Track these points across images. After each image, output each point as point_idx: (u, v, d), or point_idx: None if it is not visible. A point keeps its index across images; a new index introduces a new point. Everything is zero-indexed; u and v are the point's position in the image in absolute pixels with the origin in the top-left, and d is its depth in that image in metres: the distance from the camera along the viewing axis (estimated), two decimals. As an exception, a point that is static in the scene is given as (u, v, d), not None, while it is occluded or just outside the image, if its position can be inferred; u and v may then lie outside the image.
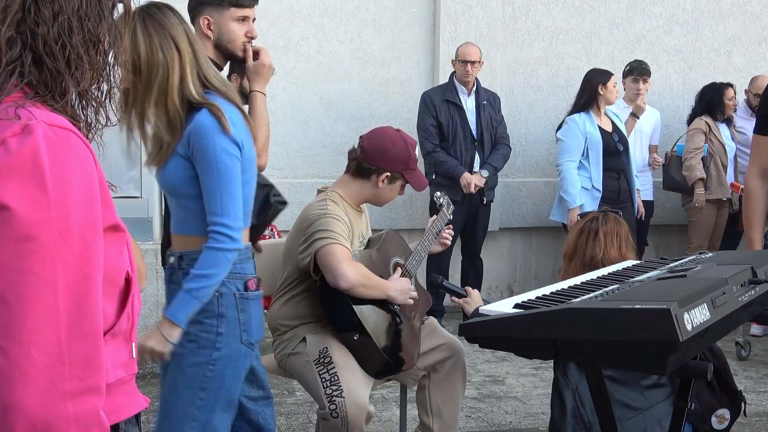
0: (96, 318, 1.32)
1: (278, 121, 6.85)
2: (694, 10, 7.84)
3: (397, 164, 3.63)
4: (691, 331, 1.89)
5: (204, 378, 2.76)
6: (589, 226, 3.44)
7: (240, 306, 2.79)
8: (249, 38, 3.34)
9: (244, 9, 3.31)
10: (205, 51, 3.30)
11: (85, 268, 1.30)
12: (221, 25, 3.30)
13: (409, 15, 7.18)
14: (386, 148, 3.63)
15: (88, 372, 1.30)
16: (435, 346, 3.77)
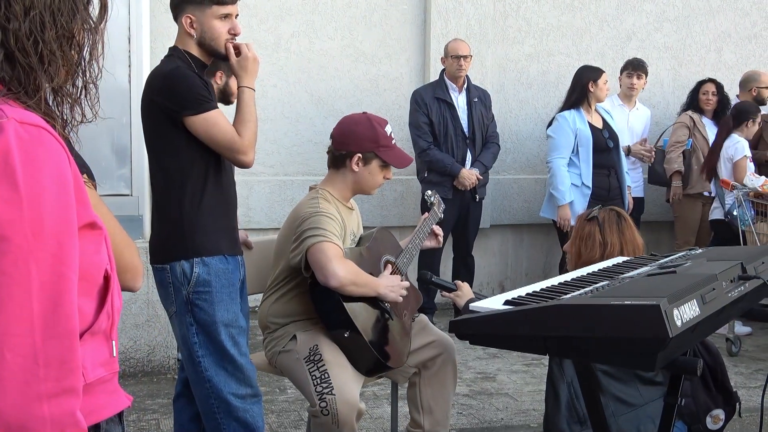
0: (71, 318, 1.30)
1: (269, 119, 6.84)
2: (685, 6, 7.85)
3: (365, 143, 3.62)
4: (680, 327, 1.89)
5: None
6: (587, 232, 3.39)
7: None
8: (232, 35, 3.33)
9: (226, 6, 3.30)
10: (189, 49, 3.31)
11: (60, 267, 1.29)
12: (203, 23, 3.29)
13: (399, 12, 7.18)
14: (350, 129, 3.65)
15: (64, 373, 1.29)
16: (426, 344, 3.77)
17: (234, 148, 3.25)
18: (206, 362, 3.29)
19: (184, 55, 3.32)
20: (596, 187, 6.35)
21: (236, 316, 3.33)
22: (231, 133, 3.24)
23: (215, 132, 3.23)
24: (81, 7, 1.41)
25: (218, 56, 3.38)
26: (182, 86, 3.20)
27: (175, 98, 3.20)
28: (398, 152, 3.71)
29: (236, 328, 3.33)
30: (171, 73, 3.24)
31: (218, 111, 3.27)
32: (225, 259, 3.32)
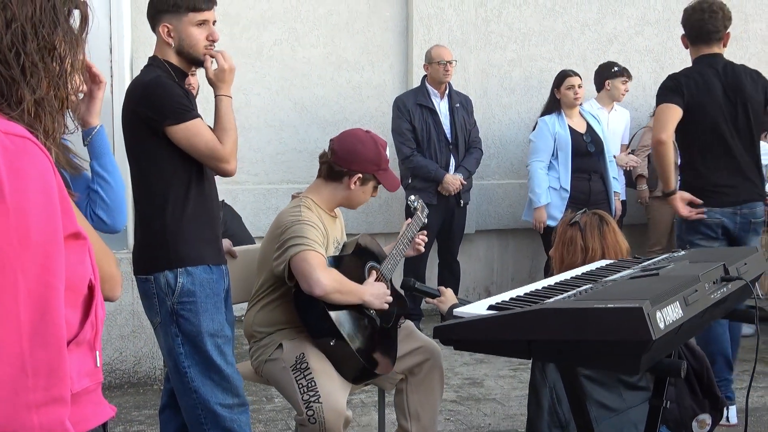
0: (59, 327, 1.30)
1: (252, 127, 6.84)
2: (665, 10, 7.90)
3: (368, 165, 3.63)
4: (663, 329, 1.89)
5: None
6: (569, 237, 3.38)
7: None
8: (210, 41, 3.33)
9: (202, 13, 3.30)
10: (168, 58, 3.31)
11: (47, 276, 1.29)
12: (181, 31, 3.29)
13: (381, 19, 7.19)
14: (356, 149, 3.63)
15: (52, 382, 1.29)
16: (412, 350, 3.77)
17: (216, 156, 3.25)
18: (192, 372, 3.28)
19: (164, 65, 3.32)
20: (575, 191, 6.39)
21: (221, 326, 3.32)
22: (213, 142, 3.24)
23: (197, 141, 3.22)
24: (62, 19, 1.41)
25: (197, 63, 3.38)
26: (162, 96, 3.19)
27: (156, 108, 3.19)
28: (392, 176, 3.75)
29: (222, 337, 3.32)
30: (151, 82, 3.23)
31: (199, 120, 3.26)
32: (209, 268, 3.31)
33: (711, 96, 4.59)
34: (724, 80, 4.64)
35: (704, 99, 4.58)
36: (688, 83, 4.59)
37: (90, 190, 2.82)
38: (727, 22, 4.65)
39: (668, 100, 4.58)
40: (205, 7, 3.30)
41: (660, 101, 4.67)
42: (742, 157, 4.67)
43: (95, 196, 2.81)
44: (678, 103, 4.55)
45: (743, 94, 4.64)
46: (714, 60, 4.66)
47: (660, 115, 4.64)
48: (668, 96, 4.59)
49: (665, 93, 4.63)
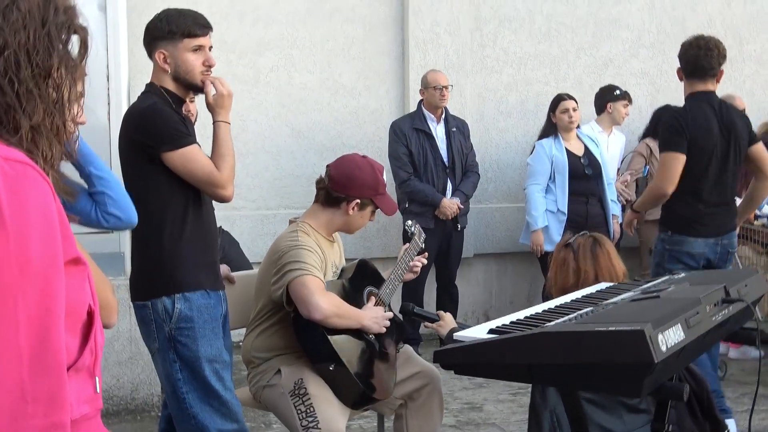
0: (59, 353, 1.29)
1: (249, 153, 6.84)
2: (660, 32, 7.93)
3: (366, 190, 3.63)
4: (665, 352, 1.88)
5: None
6: (564, 257, 3.37)
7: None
8: (207, 67, 3.33)
9: (198, 38, 3.31)
10: (165, 85, 3.31)
11: (47, 302, 1.28)
12: (177, 57, 3.30)
13: (377, 44, 7.21)
14: (354, 174, 3.63)
15: (52, 408, 1.28)
16: (411, 374, 3.75)
17: (213, 182, 3.24)
18: (191, 398, 3.26)
19: (161, 91, 3.32)
20: (573, 214, 6.41)
21: (220, 351, 3.31)
22: (209, 168, 3.24)
23: (194, 167, 3.22)
24: (59, 45, 1.41)
25: (195, 89, 3.38)
26: (159, 122, 3.20)
27: (153, 134, 3.20)
28: (389, 200, 3.75)
29: (220, 363, 3.30)
30: (147, 109, 3.24)
31: (196, 146, 3.26)
32: (207, 294, 3.30)
33: (709, 134, 4.70)
34: (720, 118, 4.75)
35: (703, 137, 4.69)
36: (692, 123, 4.68)
37: (94, 195, 2.81)
38: (721, 60, 4.77)
39: (675, 148, 4.66)
40: (200, 32, 3.31)
41: (667, 147, 4.72)
42: (727, 191, 4.84)
43: (102, 197, 2.81)
44: (683, 150, 4.64)
45: (736, 132, 4.77)
46: (710, 97, 4.78)
47: (668, 167, 4.70)
48: (675, 141, 4.66)
49: (672, 137, 4.69)
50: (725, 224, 4.86)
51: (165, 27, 3.32)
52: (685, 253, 4.75)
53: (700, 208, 4.76)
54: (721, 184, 4.79)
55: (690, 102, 4.80)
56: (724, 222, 4.85)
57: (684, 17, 7.99)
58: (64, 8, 1.42)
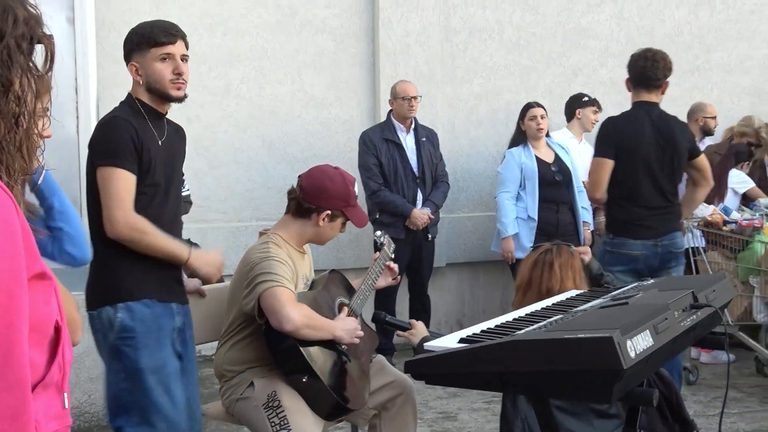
0: (22, 369, 1.28)
1: (221, 165, 6.82)
2: (628, 42, 7.99)
3: (336, 201, 3.63)
4: (634, 358, 1.90)
5: None
6: (543, 258, 3.43)
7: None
8: (177, 75, 3.33)
9: (165, 46, 3.32)
10: (140, 97, 3.31)
11: (9, 317, 1.26)
12: (147, 67, 3.31)
13: (348, 55, 7.22)
14: (325, 186, 3.63)
15: (16, 426, 1.26)
16: (384, 384, 3.75)
17: (110, 215, 3.21)
18: (133, 409, 3.24)
19: (135, 103, 3.34)
20: (543, 222, 6.46)
21: (163, 363, 3.28)
22: (118, 200, 3.21)
23: (107, 188, 3.22)
24: (19, 58, 1.38)
25: (168, 99, 3.38)
26: (106, 135, 3.23)
27: (96, 146, 3.27)
28: (360, 212, 3.76)
29: (164, 374, 3.27)
30: (105, 121, 3.30)
31: (126, 173, 3.23)
32: (152, 303, 3.29)
33: (643, 140, 4.97)
34: (657, 127, 5.02)
35: (636, 142, 4.96)
36: (624, 128, 4.99)
37: (53, 229, 2.80)
38: (667, 72, 5.04)
39: (602, 153, 5.01)
40: (167, 40, 3.32)
41: (595, 153, 5.09)
42: (664, 196, 5.06)
43: (60, 233, 2.80)
44: (610, 156, 4.96)
45: (673, 141, 5.05)
46: (651, 107, 5.05)
47: (595, 173, 5.06)
48: (603, 147, 5.02)
49: (600, 144, 5.05)
50: (664, 226, 5.06)
51: (135, 39, 3.35)
52: (625, 254, 4.98)
53: (637, 212, 5.00)
54: (658, 189, 5.02)
55: (629, 110, 5.10)
56: (662, 224, 5.06)
57: (652, 27, 8.07)
58: (23, 19, 1.39)
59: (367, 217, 3.84)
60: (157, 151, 3.33)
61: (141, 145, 3.26)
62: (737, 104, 8.28)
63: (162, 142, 3.38)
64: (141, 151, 3.27)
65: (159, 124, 3.41)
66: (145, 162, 3.28)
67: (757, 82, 8.42)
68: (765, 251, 5.91)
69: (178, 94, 3.37)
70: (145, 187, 3.30)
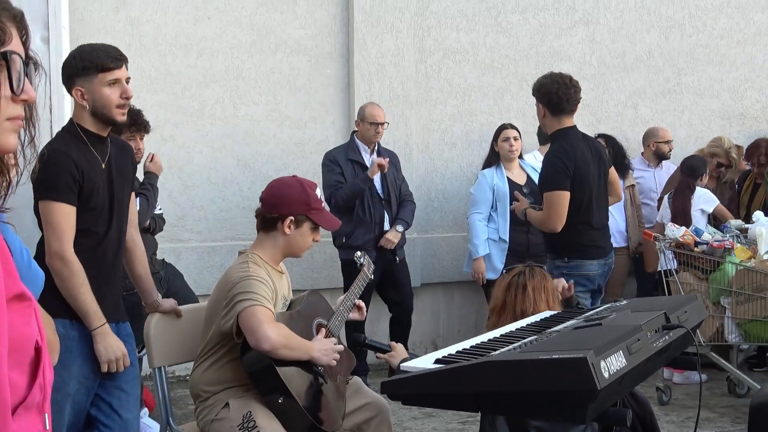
0: (2, 391, 1.27)
1: (195, 185, 6.81)
2: (600, 65, 8.09)
3: (297, 206, 3.64)
4: (608, 379, 1.92)
5: None
6: (516, 280, 3.46)
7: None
8: (125, 99, 3.36)
9: (112, 72, 3.34)
10: (83, 122, 3.34)
11: None
12: (93, 92, 3.34)
13: (323, 76, 7.25)
14: (282, 192, 3.67)
15: None
16: (360, 406, 3.75)
17: (48, 246, 3.30)
18: None
19: (77, 130, 3.38)
20: (513, 243, 6.53)
21: (64, 384, 3.30)
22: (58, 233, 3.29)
23: (47, 221, 3.32)
24: None
25: (113, 124, 3.44)
26: (44, 170, 3.24)
27: (37, 179, 3.26)
28: (328, 215, 3.76)
29: (62, 395, 3.29)
30: (46, 152, 3.29)
31: (64, 206, 3.30)
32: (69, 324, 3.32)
33: (588, 168, 5.08)
34: (590, 148, 5.18)
35: (584, 169, 5.06)
36: (574, 160, 5.01)
37: None
38: (580, 96, 5.24)
39: (560, 187, 4.99)
40: (114, 65, 3.34)
41: (553, 186, 5.03)
42: (605, 216, 5.28)
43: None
44: (568, 188, 4.99)
45: (603, 160, 5.27)
46: (576, 131, 5.19)
47: (556, 205, 5.01)
48: (559, 180, 5.00)
49: (557, 176, 5.01)
50: (609, 245, 5.31)
51: (79, 64, 3.36)
52: (583, 276, 5.04)
53: (592, 234, 5.14)
54: (601, 208, 5.22)
55: (563, 140, 5.11)
56: (607, 243, 5.29)
57: (623, 50, 8.17)
58: None
59: (338, 221, 3.86)
60: (98, 176, 3.40)
61: (81, 175, 3.33)
62: (707, 127, 8.39)
63: (105, 164, 3.44)
64: (82, 182, 3.34)
65: (101, 147, 3.46)
66: (86, 191, 3.36)
67: (726, 106, 8.53)
68: (736, 272, 5.98)
69: (122, 119, 3.44)
70: (87, 210, 3.38)
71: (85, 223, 3.38)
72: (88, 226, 3.40)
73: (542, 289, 3.43)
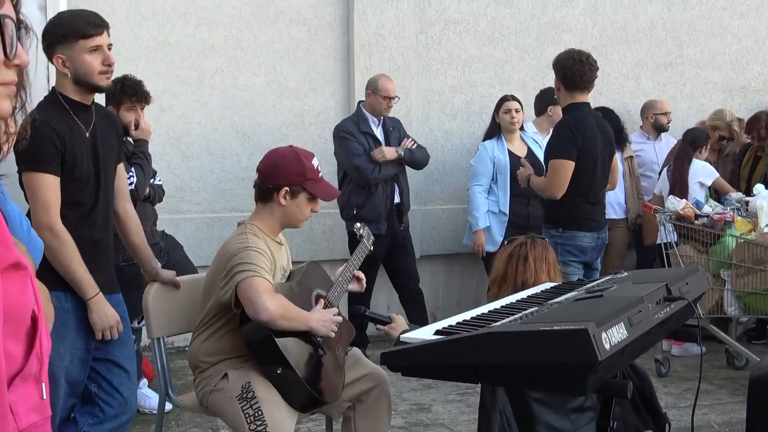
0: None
1: (194, 156, 6.79)
2: (602, 36, 8.04)
3: (292, 176, 3.62)
4: (609, 350, 1.91)
5: None
6: (518, 251, 3.45)
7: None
8: (107, 66, 3.34)
9: (93, 38, 3.32)
10: (65, 91, 3.32)
11: None
12: (74, 60, 3.32)
13: (323, 46, 7.20)
14: (277, 163, 3.65)
15: None
16: (359, 377, 3.75)
17: (35, 218, 3.27)
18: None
19: (59, 99, 3.36)
20: (514, 215, 6.52)
21: (60, 356, 3.32)
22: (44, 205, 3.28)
23: (32, 193, 3.31)
24: None
25: (97, 90, 3.42)
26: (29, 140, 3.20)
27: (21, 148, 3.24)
28: (325, 185, 3.72)
29: (58, 367, 3.32)
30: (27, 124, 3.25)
31: (48, 176, 3.29)
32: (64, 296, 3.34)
33: (595, 143, 5.27)
34: (599, 126, 5.35)
35: (592, 143, 5.24)
36: (582, 131, 5.20)
37: None
38: (596, 74, 5.37)
39: (566, 156, 5.18)
40: (95, 32, 3.32)
41: (559, 154, 5.23)
42: (603, 194, 5.49)
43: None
44: (573, 158, 5.18)
45: (611, 139, 5.47)
46: (589, 108, 5.39)
47: (559, 173, 5.21)
48: (566, 149, 5.19)
49: (564, 145, 5.20)
50: (603, 220, 5.50)
51: (59, 31, 3.33)
52: (576, 246, 5.27)
53: (588, 207, 5.32)
54: (600, 186, 5.40)
55: (575, 112, 5.28)
56: (602, 217, 5.50)
57: (626, 22, 8.11)
58: None
59: (336, 190, 3.82)
60: (82, 145, 3.39)
61: (63, 144, 3.31)
62: (709, 99, 8.36)
63: (89, 133, 3.43)
64: (64, 151, 3.32)
65: (85, 116, 3.44)
66: (69, 161, 3.34)
67: (728, 78, 8.49)
68: (736, 245, 5.97)
69: (106, 83, 3.43)
70: (72, 182, 3.37)
71: (72, 194, 3.37)
72: (75, 198, 3.40)
73: (543, 260, 3.41)
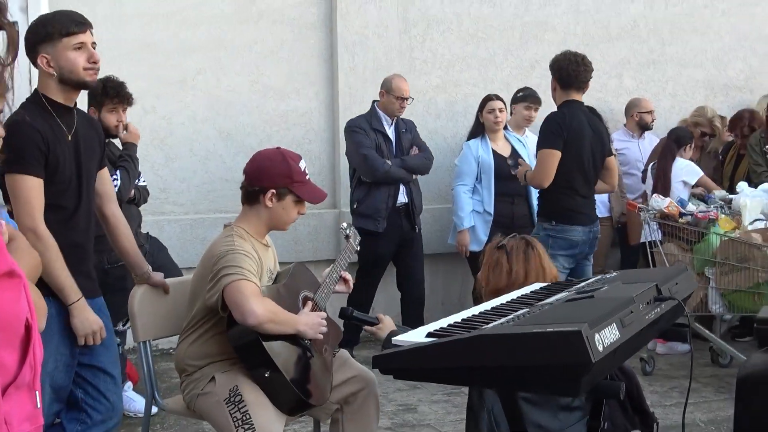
0: None
1: (177, 157, 6.75)
2: (585, 35, 8.05)
3: (278, 179, 3.59)
4: (602, 352, 1.91)
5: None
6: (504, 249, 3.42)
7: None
8: (92, 63, 3.32)
9: (77, 36, 3.30)
10: (49, 92, 3.29)
11: None
12: (59, 58, 3.30)
13: (306, 46, 7.17)
14: (264, 165, 3.64)
15: None
16: (347, 379, 3.73)
17: (18, 221, 3.21)
18: None
19: (42, 100, 3.33)
20: (498, 215, 6.53)
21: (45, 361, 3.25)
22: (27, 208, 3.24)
23: (15, 195, 3.26)
24: None
25: (83, 86, 3.39)
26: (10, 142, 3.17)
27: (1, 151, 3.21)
28: (312, 187, 3.70)
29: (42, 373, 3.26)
30: (10, 123, 3.22)
31: (31, 179, 3.25)
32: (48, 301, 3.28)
33: (583, 138, 5.46)
34: (590, 124, 5.55)
35: (577, 139, 5.44)
36: (570, 126, 5.41)
37: None
38: (591, 75, 5.62)
39: (552, 146, 5.41)
40: (78, 29, 3.30)
41: (545, 145, 5.45)
42: (593, 185, 5.62)
43: None
44: (559, 148, 5.39)
45: (602, 138, 5.64)
46: (582, 106, 5.58)
47: (545, 162, 5.43)
48: (552, 140, 5.41)
49: (550, 136, 5.44)
50: (593, 214, 5.65)
51: (42, 30, 3.32)
52: (567, 240, 5.44)
53: (578, 200, 5.50)
54: (589, 180, 5.56)
55: (566, 108, 5.50)
56: (592, 212, 5.64)
57: (608, 20, 8.13)
58: None
59: (323, 193, 3.77)
60: (65, 147, 3.36)
61: (47, 146, 3.28)
62: (691, 97, 8.38)
63: (71, 135, 3.40)
64: (47, 153, 3.29)
65: (68, 119, 3.42)
66: (52, 163, 3.31)
67: (710, 76, 8.52)
68: (720, 243, 5.99)
69: (93, 79, 3.40)
70: (55, 184, 3.34)
71: (53, 197, 3.34)
72: (57, 201, 3.36)
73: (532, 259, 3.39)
